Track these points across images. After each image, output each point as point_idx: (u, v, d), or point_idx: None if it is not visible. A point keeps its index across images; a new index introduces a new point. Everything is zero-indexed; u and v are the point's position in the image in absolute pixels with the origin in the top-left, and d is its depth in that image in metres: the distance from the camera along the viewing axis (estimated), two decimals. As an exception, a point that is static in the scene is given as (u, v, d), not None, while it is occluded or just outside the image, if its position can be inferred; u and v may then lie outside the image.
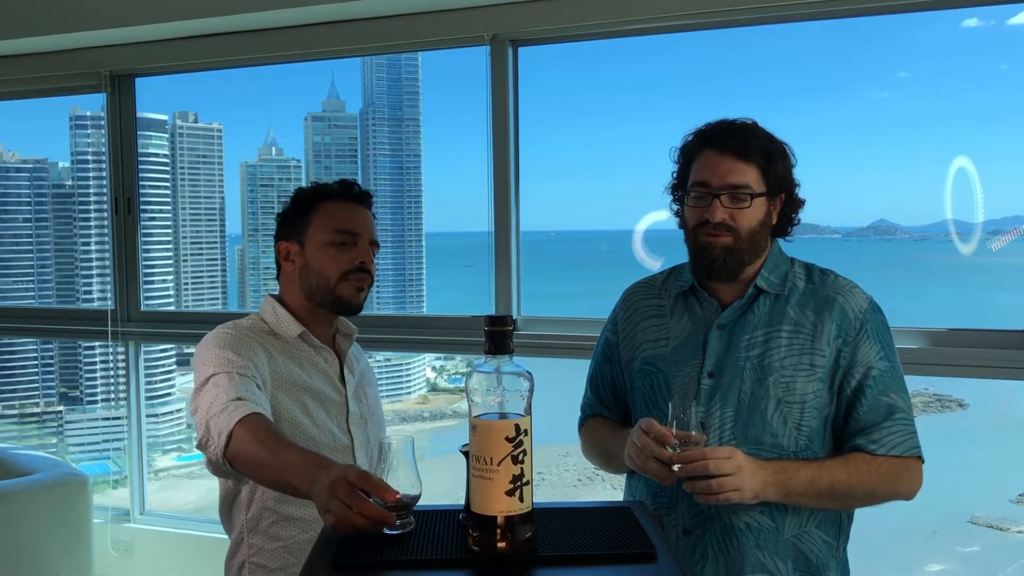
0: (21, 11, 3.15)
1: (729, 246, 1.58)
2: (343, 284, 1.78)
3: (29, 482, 3.09)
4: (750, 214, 1.57)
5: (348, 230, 1.79)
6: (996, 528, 4.46)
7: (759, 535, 1.57)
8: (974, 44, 4.00)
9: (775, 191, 1.60)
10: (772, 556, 1.58)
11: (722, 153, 1.58)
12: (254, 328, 1.79)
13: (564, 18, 2.67)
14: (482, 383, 1.16)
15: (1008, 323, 2.40)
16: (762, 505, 1.55)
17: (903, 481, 1.58)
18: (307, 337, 1.80)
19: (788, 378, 1.56)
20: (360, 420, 1.84)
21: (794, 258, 1.69)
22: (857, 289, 1.63)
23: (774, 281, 1.63)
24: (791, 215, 1.66)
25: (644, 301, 1.75)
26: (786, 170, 1.62)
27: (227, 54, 3.11)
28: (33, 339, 4.72)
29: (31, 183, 4.61)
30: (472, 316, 2.93)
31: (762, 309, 1.61)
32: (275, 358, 1.75)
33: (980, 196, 3.10)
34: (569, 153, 5.28)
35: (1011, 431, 4.65)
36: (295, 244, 1.81)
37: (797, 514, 1.58)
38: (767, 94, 4.79)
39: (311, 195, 1.83)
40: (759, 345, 1.59)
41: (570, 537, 1.26)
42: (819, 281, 1.64)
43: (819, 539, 1.61)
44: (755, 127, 1.63)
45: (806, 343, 1.58)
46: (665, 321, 1.70)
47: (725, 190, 1.57)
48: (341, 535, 1.25)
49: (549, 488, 5.03)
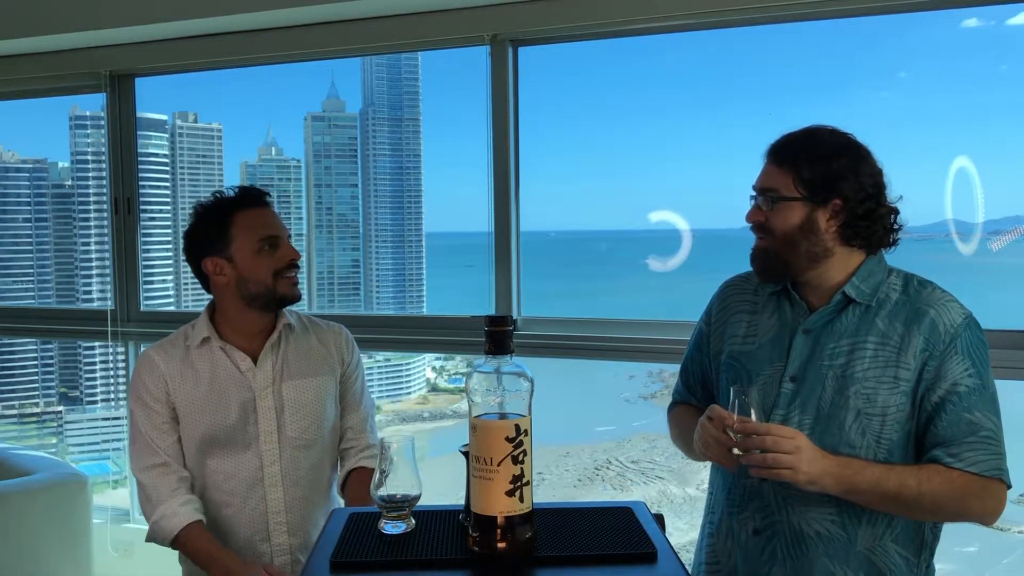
0: (21, 11, 3.15)
1: (764, 248, 1.61)
2: (280, 282, 1.94)
3: (29, 482, 3.09)
4: (781, 217, 1.57)
5: (269, 235, 1.94)
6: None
7: (828, 544, 1.55)
8: (974, 44, 4.00)
9: (817, 196, 1.56)
10: (843, 567, 1.55)
11: (767, 157, 1.63)
12: (171, 346, 2.00)
13: (564, 18, 2.67)
14: (482, 383, 1.16)
15: (1008, 323, 2.40)
16: (834, 515, 1.54)
17: (978, 501, 1.50)
18: (208, 342, 1.97)
19: (870, 390, 1.53)
20: (270, 411, 1.96)
21: (895, 268, 1.65)
22: (954, 303, 1.57)
23: (864, 290, 1.59)
24: (868, 227, 1.58)
25: (739, 296, 1.75)
26: (839, 174, 1.56)
27: (227, 54, 3.11)
28: (33, 339, 4.72)
29: (31, 183, 4.61)
30: (472, 316, 2.93)
31: (850, 318, 1.59)
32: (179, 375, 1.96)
33: (980, 196, 3.10)
34: (569, 153, 5.28)
35: (1011, 431, 4.64)
36: (223, 259, 1.93)
37: (871, 526, 1.55)
38: (767, 94, 4.79)
39: (220, 211, 1.95)
40: (843, 355, 1.56)
41: (570, 537, 1.26)
42: (914, 293, 1.59)
43: (896, 554, 1.57)
44: (811, 132, 1.61)
45: (891, 356, 1.54)
46: (756, 318, 1.69)
47: (759, 193, 1.61)
48: (342, 534, 1.25)
49: (549, 488, 5.03)
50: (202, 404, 1.95)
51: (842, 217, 1.57)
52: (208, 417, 1.94)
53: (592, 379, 5.16)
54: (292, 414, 1.98)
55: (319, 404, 2.02)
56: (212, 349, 1.97)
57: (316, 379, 2.02)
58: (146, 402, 1.95)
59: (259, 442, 1.96)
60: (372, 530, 1.31)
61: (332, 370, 2.07)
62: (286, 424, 1.98)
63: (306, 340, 2.06)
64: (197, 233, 1.97)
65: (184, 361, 1.98)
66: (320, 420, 2.02)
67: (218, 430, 1.94)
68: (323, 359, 2.06)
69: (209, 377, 1.96)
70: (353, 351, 2.13)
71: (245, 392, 1.96)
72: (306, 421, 2.00)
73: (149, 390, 1.95)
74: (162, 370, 1.96)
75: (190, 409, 1.95)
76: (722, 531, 1.67)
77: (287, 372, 2.00)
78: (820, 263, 1.59)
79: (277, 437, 1.97)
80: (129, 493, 3.53)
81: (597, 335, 2.80)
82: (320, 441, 2.03)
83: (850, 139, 1.61)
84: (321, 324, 2.13)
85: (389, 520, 1.31)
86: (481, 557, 1.17)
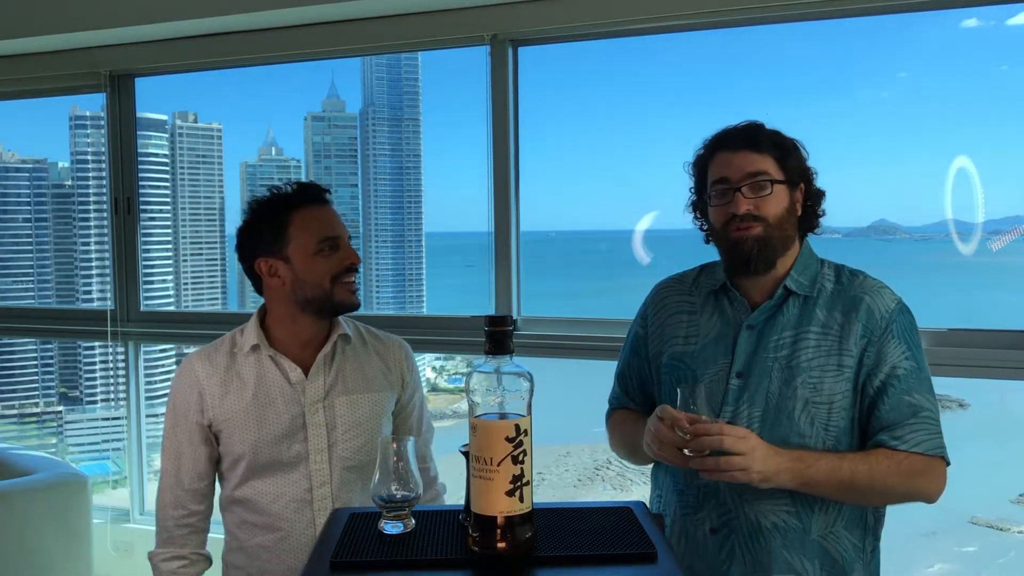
0: (21, 11, 3.15)
1: (761, 236, 1.58)
2: (337, 288, 1.81)
3: (29, 482, 3.09)
4: (774, 201, 1.58)
5: (330, 236, 1.81)
6: (996, 528, 4.45)
7: (786, 535, 1.57)
8: (974, 44, 4.00)
9: (794, 180, 1.61)
10: (799, 556, 1.58)
11: (735, 150, 1.61)
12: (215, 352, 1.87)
13: (564, 18, 2.67)
14: (482, 383, 1.16)
15: (1008, 323, 2.40)
16: (789, 505, 1.56)
17: (924, 480, 1.56)
18: (257, 350, 1.85)
19: (816, 379, 1.56)
20: (321, 428, 1.83)
21: (825, 259, 1.69)
22: (886, 289, 1.63)
23: (803, 282, 1.63)
24: (814, 207, 1.66)
25: (675, 297, 1.76)
26: (801, 161, 1.63)
27: (227, 54, 3.11)
28: (33, 339, 4.72)
29: (31, 183, 4.61)
30: (472, 316, 2.93)
31: (791, 311, 1.62)
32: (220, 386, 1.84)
33: (980, 196, 3.10)
34: (569, 153, 5.27)
35: (1011, 431, 4.64)
36: (279, 260, 1.81)
37: (824, 514, 1.58)
38: (767, 94, 4.78)
39: (277, 208, 1.82)
40: (787, 346, 1.59)
41: (570, 537, 1.26)
42: (848, 282, 1.64)
43: (847, 540, 1.61)
44: (762, 125, 1.65)
45: (834, 344, 1.58)
46: (695, 318, 1.70)
47: (745, 180, 1.58)
48: (342, 534, 1.25)
49: (549, 488, 5.03)
50: (244, 417, 1.81)
51: (803, 203, 1.63)
52: (252, 432, 1.80)
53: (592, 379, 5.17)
54: (344, 432, 1.84)
55: (374, 422, 1.88)
56: (260, 357, 1.84)
57: (372, 395, 1.88)
58: (180, 412, 1.85)
59: (308, 461, 1.82)
60: (372, 530, 1.31)
61: (391, 387, 1.93)
62: (338, 442, 1.83)
63: (364, 352, 1.92)
64: (251, 231, 1.84)
65: (228, 370, 1.84)
66: (375, 440, 1.84)
67: (263, 447, 1.80)
68: (381, 374, 1.92)
69: (255, 387, 1.82)
70: (413, 369, 1.99)
71: (294, 406, 1.82)
72: (360, 440, 1.85)
73: (185, 401, 1.84)
74: (201, 382, 1.84)
75: (232, 423, 1.81)
76: (675, 533, 1.68)
77: (341, 386, 1.86)
78: (789, 250, 1.63)
79: (328, 456, 1.83)
80: (129, 493, 3.53)
81: (597, 335, 2.80)
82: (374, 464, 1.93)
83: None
84: (380, 336, 1.99)
85: (389, 520, 1.31)
86: (481, 557, 1.17)
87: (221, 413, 1.82)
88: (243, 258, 1.87)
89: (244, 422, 1.81)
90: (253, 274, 1.86)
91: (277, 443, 1.80)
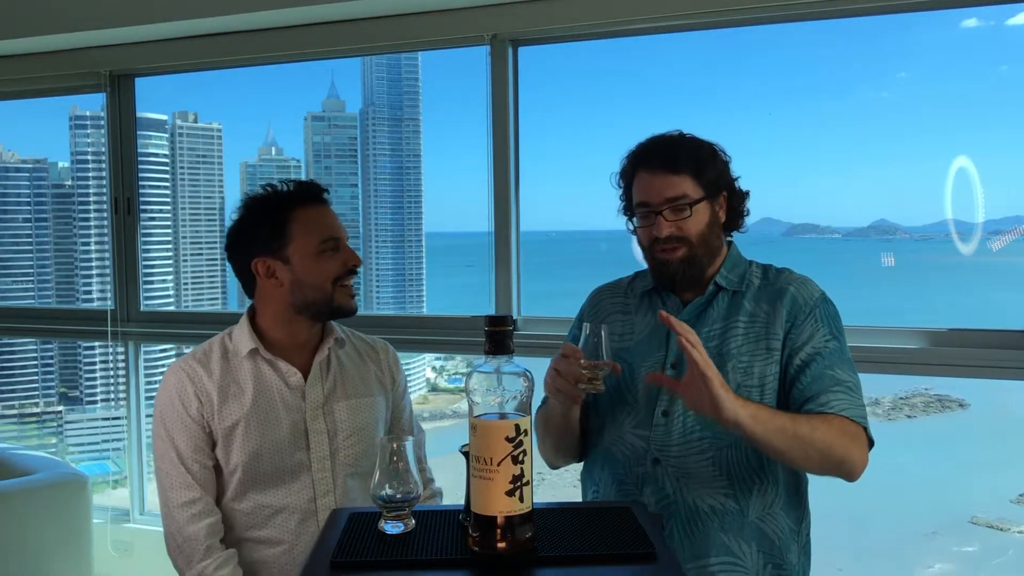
0: (21, 11, 3.15)
1: (685, 257, 1.65)
2: (338, 291, 1.76)
3: (29, 482, 3.09)
4: (695, 221, 1.64)
5: (332, 236, 1.76)
6: (996, 528, 4.45)
7: (724, 518, 1.61)
8: (974, 44, 4.00)
9: (714, 192, 1.67)
10: (737, 539, 1.61)
11: (653, 171, 1.66)
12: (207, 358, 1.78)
13: (564, 18, 2.67)
14: (482, 383, 1.16)
15: (1008, 323, 2.40)
16: (727, 488, 1.61)
17: (855, 445, 1.55)
18: (254, 354, 1.77)
19: (746, 363, 1.62)
20: (323, 435, 1.78)
21: (753, 260, 1.76)
22: (811, 282, 1.70)
23: (732, 279, 1.69)
24: (738, 208, 1.72)
25: (610, 300, 1.82)
26: (721, 169, 1.68)
27: (227, 54, 3.11)
28: (33, 339, 4.72)
29: (31, 183, 4.61)
30: (472, 316, 2.93)
31: (721, 305, 1.68)
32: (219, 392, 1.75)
33: (980, 196, 3.10)
34: (569, 152, 5.27)
35: (1011, 431, 4.64)
36: (277, 261, 1.74)
37: (762, 496, 1.63)
38: (767, 94, 4.79)
39: (277, 206, 1.75)
40: (717, 337, 1.65)
41: (570, 537, 1.26)
42: (774, 277, 1.71)
43: (783, 522, 1.65)
44: (680, 137, 1.70)
45: (761, 330, 1.64)
46: (631, 318, 1.76)
47: (664, 205, 1.64)
48: (342, 534, 1.25)
49: (549, 488, 5.02)
50: (246, 425, 1.73)
51: (727, 208, 1.69)
52: (254, 441, 1.73)
53: (592, 379, 5.15)
54: (346, 438, 1.79)
55: (374, 428, 1.84)
56: (257, 362, 1.77)
57: (369, 399, 1.84)
58: (181, 421, 1.74)
59: (311, 470, 1.76)
60: (372, 530, 1.31)
61: (384, 390, 1.90)
62: (340, 449, 1.78)
63: (356, 357, 1.88)
64: (247, 229, 1.77)
65: (225, 376, 1.76)
66: (375, 446, 1.77)
67: (265, 456, 1.73)
68: (375, 378, 1.88)
69: (254, 393, 1.75)
70: (401, 371, 1.96)
71: (294, 412, 1.76)
72: (362, 446, 1.81)
73: (185, 407, 1.74)
74: (204, 385, 1.74)
75: (233, 431, 1.73)
76: None
77: (340, 391, 1.81)
78: (717, 258, 1.70)
79: (331, 464, 1.77)
80: (129, 493, 3.53)
81: (597, 335, 2.80)
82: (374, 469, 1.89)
83: (704, 139, 1.71)
84: (366, 339, 1.95)
85: (389, 520, 1.31)
86: (481, 557, 1.17)
87: (222, 421, 1.74)
88: (236, 257, 1.80)
89: (246, 430, 1.73)
90: (247, 274, 1.79)
91: (279, 451, 1.74)
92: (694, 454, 1.62)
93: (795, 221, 4.05)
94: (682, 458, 1.62)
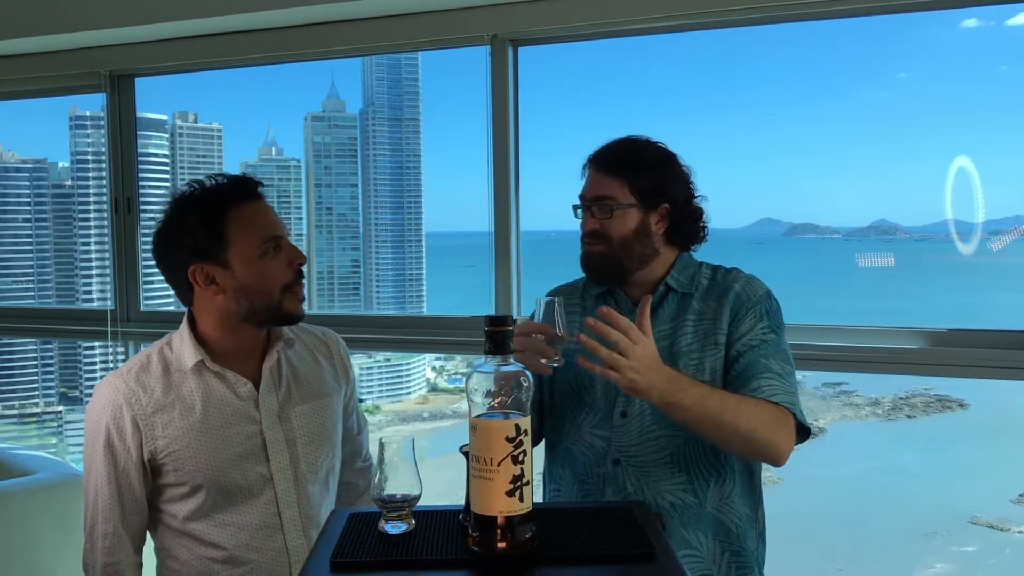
0: (21, 11, 3.15)
1: (603, 253, 1.70)
2: (286, 298, 1.64)
3: (29, 482, 3.09)
4: (618, 223, 1.69)
5: (273, 235, 1.63)
6: (996, 528, 4.46)
7: (683, 513, 1.65)
8: (973, 44, 4.01)
9: (648, 202, 1.69)
10: (695, 532, 1.65)
11: (596, 169, 1.74)
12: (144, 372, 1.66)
13: (564, 18, 2.67)
14: (482, 383, 1.17)
15: (1008, 323, 2.40)
16: (685, 483, 1.65)
17: (781, 429, 1.56)
18: (201, 368, 1.66)
19: (696, 360, 1.66)
20: (281, 444, 1.69)
21: (703, 261, 1.80)
22: (756, 280, 1.74)
23: (683, 281, 1.74)
24: (691, 225, 1.75)
25: (567, 300, 1.82)
26: (664, 181, 1.71)
27: (227, 54, 3.11)
28: (33, 339, 4.72)
29: (31, 183, 4.61)
30: (472, 316, 2.93)
31: (670, 306, 1.73)
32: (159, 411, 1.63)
33: (980, 196, 3.11)
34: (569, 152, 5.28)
35: (1011, 431, 4.65)
36: (216, 266, 1.60)
37: (720, 486, 1.66)
38: (767, 94, 4.79)
39: (210, 206, 1.61)
40: (667, 336, 1.69)
41: (570, 537, 1.26)
42: (722, 277, 1.75)
43: (740, 510, 1.68)
44: (631, 142, 1.74)
45: (709, 327, 1.69)
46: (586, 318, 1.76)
47: (592, 202, 1.71)
48: (342, 534, 1.25)
49: (549, 488, 5.02)
50: (197, 443, 1.62)
51: (668, 219, 1.72)
52: (207, 459, 1.62)
53: (592, 379, 5.15)
54: (305, 445, 1.70)
55: (332, 430, 1.77)
56: (203, 375, 1.65)
57: (325, 400, 1.76)
58: (112, 447, 1.63)
59: (273, 482, 1.66)
60: (372, 530, 1.31)
61: (339, 387, 1.81)
62: (300, 457, 1.69)
63: (307, 354, 1.79)
64: (179, 233, 1.61)
65: (167, 393, 1.63)
66: (334, 448, 1.77)
67: (221, 474, 1.62)
68: (329, 376, 1.79)
69: (202, 408, 1.63)
70: (350, 361, 1.87)
71: (249, 424, 1.66)
72: (321, 451, 1.73)
73: (120, 435, 1.62)
74: (136, 411, 1.61)
75: (182, 453, 1.61)
76: None
77: (296, 396, 1.72)
78: (648, 263, 1.73)
79: (292, 474, 1.68)
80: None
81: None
82: (332, 472, 1.79)
83: (666, 148, 1.76)
84: (314, 331, 1.84)
85: (389, 520, 1.31)
86: (481, 557, 1.17)
87: (165, 443, 1.62)
88: (168, 264, 1.65)
89: (197, 449, 1.62)
90: (182, 282, 1.64)
91: (237, 466, 1.64)
92: (652, 452, 1.66)
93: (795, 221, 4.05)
94: (641, 457, 1.66)
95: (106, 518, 1.68)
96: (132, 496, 1.67)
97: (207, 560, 1.66)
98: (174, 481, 1.64)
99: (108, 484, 1.66)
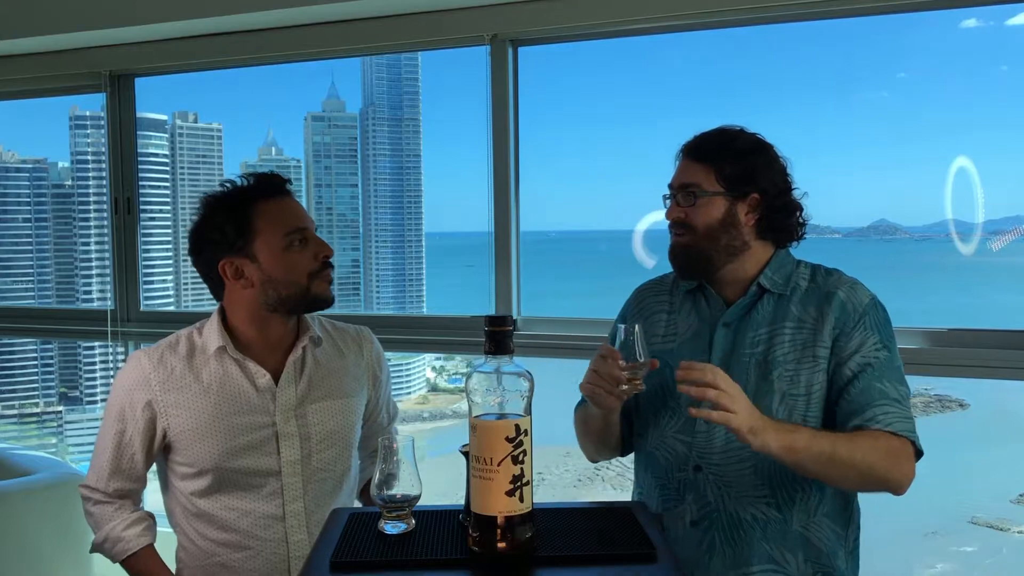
0: (21, 11, 3.15)
1: (687, 244, 1.63)
2: (315, 283, 1.69)
3: (29, 482, 3.09)
4: (703, 212, 1.62)
5: (298, 227, 1.69)
6: (996, 528, 4.46)
7: (766, 527, 1.58)
8: (973, 44, 4.01)
9: (736, 190, 1.62)
10: (780, 548, 1.58)
11: (684, 156, 1.67)
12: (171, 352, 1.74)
13: (564, 18, 2.67)
14: (482, 383, 1.17)
15: (1008, 323, 2.40)
16: (769, 497, 1.57)
17: (902, 461, 1.52)
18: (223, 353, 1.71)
19: (792, 371, 1.58)
20: (294, 439, 1.72)
21: (802, 260, 1.70)
22: (860, 285, 1.64)
23: (777, 281, 1.65)
24: (785, 219, 1.66)
25: (654, 298, 1.78)
26: (755, 170, 1.62)
27: (227, 54, 3.11)
28: (33, 339, 4.72)
29: (31, 183, 4.62)
30: (472, 316, 2.93)
31: (766, 308, 1.64)
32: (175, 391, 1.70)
33: (980, 196, 3.11)
34: (569, 152, 5.28)
35: (1011, 431, 4.65)
36: (243, 259, 1.67)
37: (805, 503, 1.59)
38: (767, 94, 4.79)
39: (237, 203, 1.69)
40: (763, 342, 1.61)
41: (570, 537, 1.26)
42: (822, 280, 1.66)
43: (829, 529, 1.61)
44: (721, 131, 1.67)
45: (809, 337, 1.59)
46: (674, 317, 1.73)
47: (678, 190, 1.65)
48: (342, 534, 1.25)
49: (549, 488, 5.03)
50: (207, 427, 1.67)
51: (759, 211, 1.63)
52: (216, 444, 1.67)
53: (592, 379, 5.16)
54: (319, 443, 1.73)
55: (349, 431, 1.78)
56: (224, 361, 1.70)
57: (345, 400, 1.78)
58: (132, 417, 1.70)
59: (280, 475, 1.70)
60: (372, 530, 1.31)
61: (362, 388, 1.83)
62: (312, 454, 1.72)
63: (334, 353, 1.81)
64: (209, 229, 1.69)
65: (184, 374, 1.70)
66: (349, 449, 1.79)
67: (226, 460, 1.67)
68: (354, 377, 1.81)
69: (217, 393, 1.69)
70: (384, 364, 1.89)
71: (262, 415, 1.70)
72: (334, 451, 1.75)
73: (131, 406, 1.70)
74: (153, 388, 1.69)
75: (192, 434, 1.68)
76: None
77: (313, 393, 1.74)
78: (737, 257, 1.64)
79: (301, 469, 1.71)
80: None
81: (597, 335, 2.80)
82: (347, 473, 1.81)
83: (761, 138, 1.68)
84: (347, 329, 1.88)
85: (389, 520, 1.31)
86: (481, 557, 1.17)
87: (178, 423, 1.68)
88: (199, 261, 1.72)
89: (206, 432, 1.67)
90: (214, 277, 1.71)
91: (246, 455, 1.68)
92: (735, 463, 1.58)
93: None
94: (723, 466, 1.59)
95: (99, 476, 1.78)
96: (132, 465, 1.75)
97: (211, 542, 1.71)
98: (182, 460, 1.71)
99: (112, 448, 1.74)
